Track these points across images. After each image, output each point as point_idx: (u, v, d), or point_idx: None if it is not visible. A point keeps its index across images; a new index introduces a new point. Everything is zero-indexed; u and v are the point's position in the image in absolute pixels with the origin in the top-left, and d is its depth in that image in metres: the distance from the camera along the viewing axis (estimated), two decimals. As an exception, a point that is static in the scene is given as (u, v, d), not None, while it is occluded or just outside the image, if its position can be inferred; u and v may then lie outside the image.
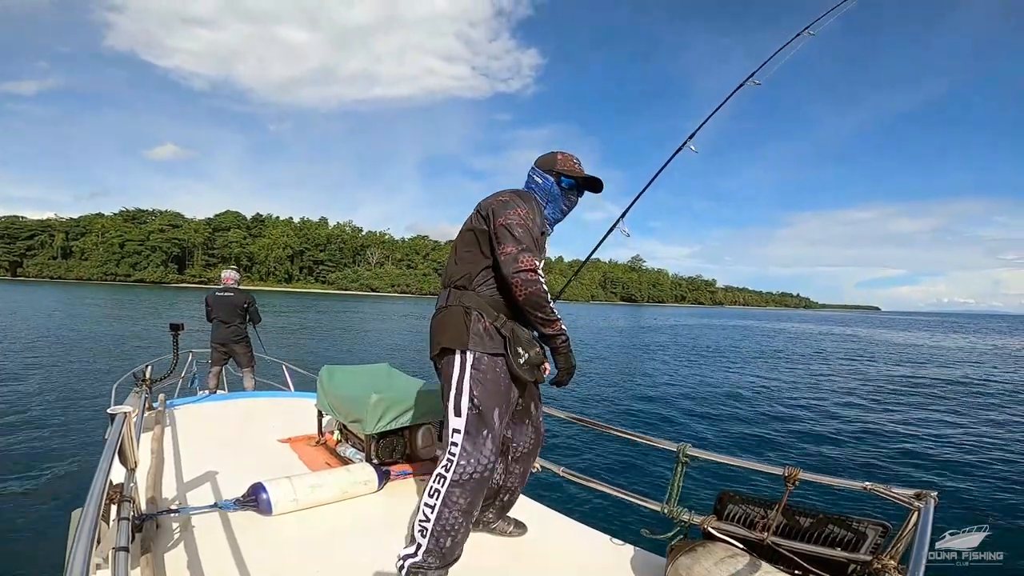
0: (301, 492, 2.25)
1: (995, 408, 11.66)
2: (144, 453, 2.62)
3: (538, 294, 1.77)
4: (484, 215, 1.91)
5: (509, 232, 1.80)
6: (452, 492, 1.75)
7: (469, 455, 1.76)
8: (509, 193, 1.95)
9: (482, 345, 1.82)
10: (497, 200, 1.90)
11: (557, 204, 2.06)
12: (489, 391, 1.81)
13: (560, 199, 2.05)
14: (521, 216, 1.84)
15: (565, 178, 2.03)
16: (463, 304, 1.87)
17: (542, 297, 1.78)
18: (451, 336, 1.85)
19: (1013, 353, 28.18)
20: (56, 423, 7.46)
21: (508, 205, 1.86)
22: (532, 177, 2.07)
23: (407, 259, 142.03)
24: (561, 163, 2.03)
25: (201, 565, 1.79)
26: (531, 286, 1.76)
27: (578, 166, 2.05)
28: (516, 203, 1.88)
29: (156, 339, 17.66)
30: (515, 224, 1.81)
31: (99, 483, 1.34)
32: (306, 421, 3.42)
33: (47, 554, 3.72)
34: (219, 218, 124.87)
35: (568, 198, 2.07)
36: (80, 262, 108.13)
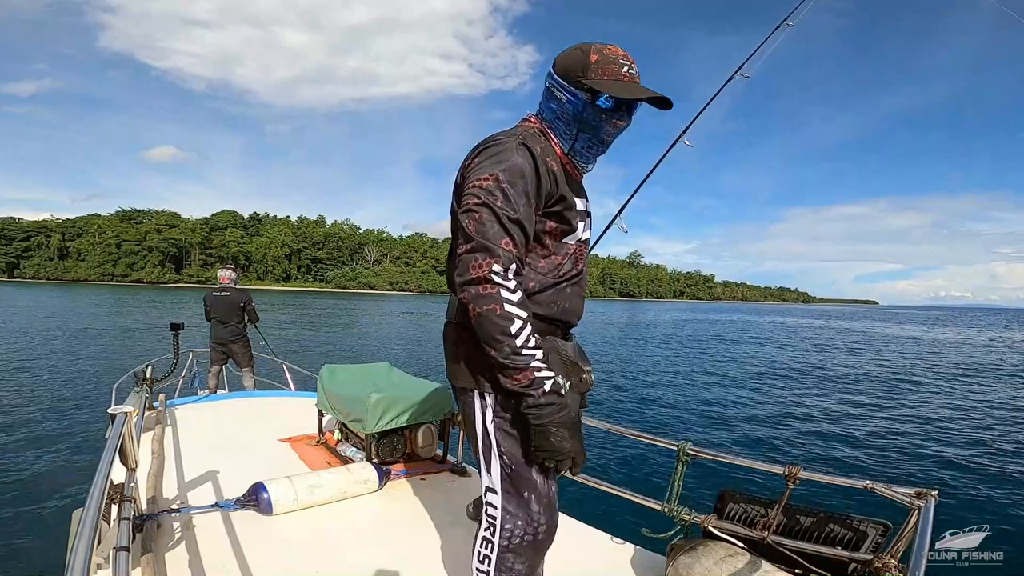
0: (301, 492, 2.25)
1: (996, 406, 11.69)
2: (145, 453, 2.62)
3: (488, 318, 1.09)
4: (458, 185, 1.28)
5: (464, 220, 1.16)
6: (505, 559, 1.33)
7: (514, 517, 1.28)
8: (492, 142, 1.24)
9: (497, 382, 1.20)
10: (471, 158, 1.24)
11: (594, 134, 1.28)
12: (520, 442, 1.26)
13: (600, 126, 1.26)
14: (488, 188, 1.14)
15: (604, 97, 1.22)
16: (462, 322, 1.26)
17: (494, 324, 1.08)
18: (458, 371, 1.32)
19: (1012, 348, 28.26)
20: (56, 423, 7.45)
21: (478, 169, 1.19)
22: (551, 93, 1.28)
23: (405, 257, 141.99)
24: (597, 69, 1.21)
25: (202, 565, 1.79)
26: (478, 304, 1.09)
27: (626, 70, 1.22)
28: (488, 162, 1.18)
29: (156, 339, 17.63)
30: (475, 205, 1.14)
31: (100, 483, 1.33)
32: (306, 420, 3.42)
33: (48, 554, 3.72)
34: (216, 217, 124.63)
35: (611, 123, 1.27)
36: (77, 263, 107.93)
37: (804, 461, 7.30)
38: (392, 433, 2.77)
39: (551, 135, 1.30)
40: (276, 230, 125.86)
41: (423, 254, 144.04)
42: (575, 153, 1.31)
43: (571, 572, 1.95)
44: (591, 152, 1.33)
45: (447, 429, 2.94)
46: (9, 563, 3.77)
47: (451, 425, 2.92)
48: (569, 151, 1.31)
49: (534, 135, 1.25)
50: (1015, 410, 11.17)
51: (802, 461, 7.69)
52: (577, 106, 1.24)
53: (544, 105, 1.32)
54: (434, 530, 2.16)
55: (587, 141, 1.30)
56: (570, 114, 1.26)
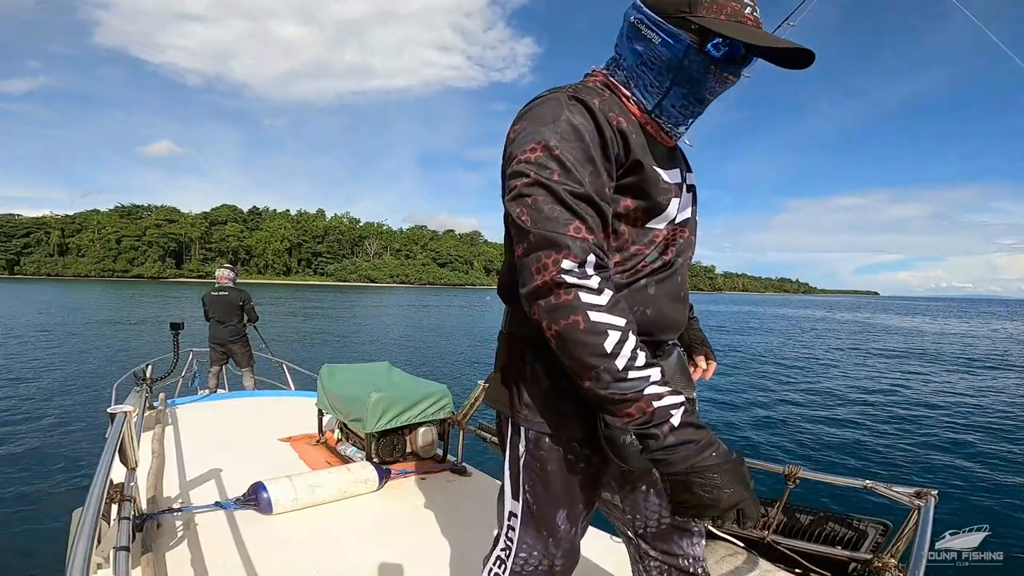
0: (301, 491, 2.25)
1: (997, 404, 11.69)
2: (145, 452, 2.62)
3: (570, 337, 0.79)
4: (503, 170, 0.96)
5: (514, 209, 0.86)
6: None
7: (531, 548, 1.11)
8: (534, 102, 0.96)
9: (542, 419, 0.99)
10: (511, 128, 0.95)
11: (693, 88, 0.94)
12: (551, 489, 1.03)
13: (703, 79, 0.93)
14: (537, 160, 0.85)
15: (718, 41, 0.88)
16: (512, 332, 1.05)
17: (580, 343, 0.78)
18: (495, 387, 1.09)
19: (1014, 340, 28.27)
20: (56, 422, 7.45)
21: (521, 139, 0.89)
22: (636, 31, 0.94)
23: (406, 249, 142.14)
24: (710, 4, 0.87)
25: (202, 564, 1.79)
26: (553, 320, 0.80)
27: (749, 11, 0.89)
28: (531, 128, 0.89)
29: (156, 337, 17.62)
30: (524, 187, 0.84)
31: (99, 482, 1.33)
32: (306, 420, 3.42)
33: (48, 554, 3.73)
34: (216, 212, 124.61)
35: (720, 77, 0.93)
36: (77, 259, 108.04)
37: (803, 460, 7.32)
38: (392, 433, 2.77)
39: (623, 89, 0.98)
40: (276, 224, 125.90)
41: (423, 247, 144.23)
42: (662, 111, 0.97)
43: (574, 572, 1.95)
44: (684, 112, 0.97)
45: (447, 429, 2.94)
46: (9, 563, 3.78)
47: (451, 425, 2.93)
48: (655, 108, 0.97)
49: (590, 88, 0.94)
50: (1016, 409, 11.18)
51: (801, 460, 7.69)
52: (676, 50, 0.90)
53: (624, 48, 0.98)
54: (434, 529, 2.16)
55: (682, 97, 0.95)
56: (664, 60, 0.92)
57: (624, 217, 0.96)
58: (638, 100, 0.98)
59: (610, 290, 0.81)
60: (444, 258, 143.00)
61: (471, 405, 2.84)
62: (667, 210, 0.99)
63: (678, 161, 1.06)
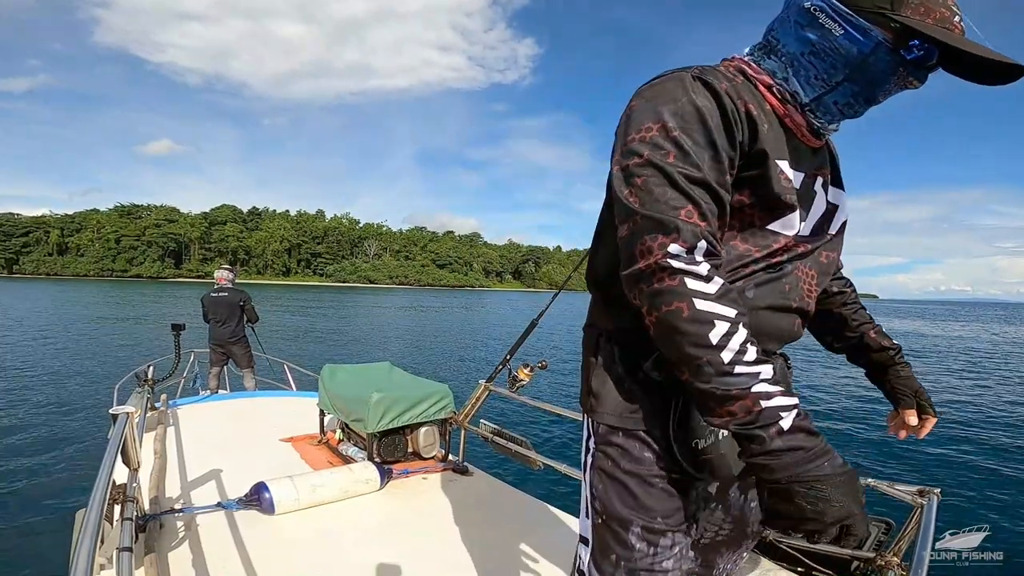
0: (303, 491, 2.25)
1: (998, 402, 11.71)
2: (147, 453, 2.62)
3: (672, 323, 0.74)
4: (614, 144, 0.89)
5: (622, 190, 0.81)
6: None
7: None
8: (654, 80, 0.87)
9: (612, 410, 0.90)
10: (631, 105, 0.86)
11: (868, 88, 0.85)
12: (623, 494, 0.89)
13: (884, 81, 0.84)
14: (652, 140, 0.80)
15: (917, 43, 0.79)
16: (592, 323, 0.99)
17: (683, 331, 0.73)
18: (583, 383, 0.98)
19: (1014, 343, 28.30)
20: (58, 423, 7.45)
21: (637, 117, 0.83)
22: (812, 19, 0.84)
23: (405, 250, 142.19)
24: (918, 6, 0.78)
25: (205, 565, 1.79)
26: (655, 306, 0.75)
27: (958, 19, 0.80)
28: (649, 107, 0.82)
29: (157, 338, 17.60)
30: (636, 166, 0.80)
31: (102, 483, 1.33)
32: (308, 420, 3.42)
33: (51, 554, 3.73)
34: (215, 212, 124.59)
35: (904, 81, 0.84)
36: (76, 258, 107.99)
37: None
38: (393, 432, 2.77)
39: (764, 76, 0.88)
40: (275, 224, 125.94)
41: (423, 248, 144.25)
42: (819, 106, 0.86)
43: (569, 569, 1.96)
44: (846, 111, 0.87)
45: (448, 428, 2.94)
46: (12, 564, 3.78)
47: (452, 424, 2.93)
48: (813, 101, 0.86)
49: (719, 72, 0.85)
50: (1016, 409, 11.19)
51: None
52: (863, 46, 0.80)
53: (786, 34, 0.87)
54: (436, 529, 2.17)
55: (851, 95, 0.84)
56: (842, 53, 0.81)
57: (739, 212, 0.86)
58: (794, 91, 0.87)
59: (721, 279, 0.74)
60: (443, 259, 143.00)
61: (472, 405, 2.84)
62: (787, 217, 0.87)
63: (820, 168, 0.93)
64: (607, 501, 0.90)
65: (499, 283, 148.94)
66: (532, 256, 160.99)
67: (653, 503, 0.87)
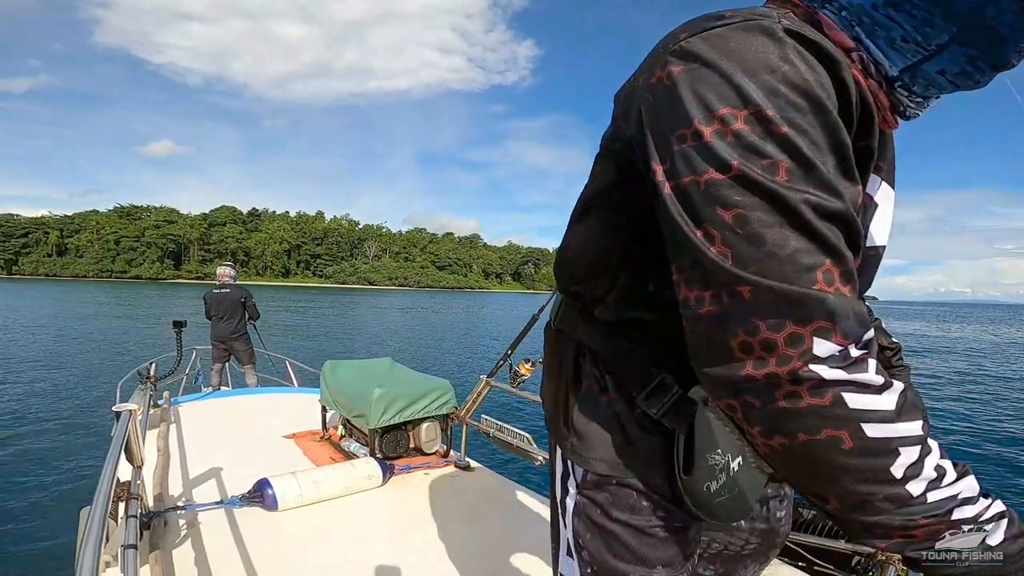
0: (306, 487, 2.26)
1: (998, 402, 11.71)
2: (150, 451, 2.62)
3: (832, 460, 0.48)
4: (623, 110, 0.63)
5: (689, 225, 0.50)
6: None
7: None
8: (713, 25, 0.53)
9: (602, 456, 0.72)
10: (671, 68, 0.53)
11: (985, 52, 0.54)
12: (615, 546, 0.73)
13: (1009, 41, 0.52)
14: (745, 140, 0.47)
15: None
16: (569, 335, 0.77)
17: (853, 470, 0.48)
18: (545, 401, 0.83)
19: (1013, 344, 28.30)
20: (61, 421, 7.46)
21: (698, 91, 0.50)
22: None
23: (405, 252, 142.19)
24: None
25: (209, 562, 1.79)
26: (790, 429, 0.48)
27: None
28: (717, 77, 0.49)
29: (158, 336, 17.60)
30: (715, 185, 0.48)
31: (106, 481, 1.34)
32: (310, 416, 3.43)
33: (57, 552, 3.73)
34: (215, 213, 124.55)
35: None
36: (75, 259, 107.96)
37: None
38: (395, 428, 2.78)
39: (842, 36, 0.58)
40: (275, 226, 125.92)
41: (422, 249, 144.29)
42: (915, 79, 0.59)
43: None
44: (957, 82, 0.59)
45: (450, 424, 2.95)
46: (19, 561, 3.79)
47: (454, 420, 2.93)
48: (903, 72, 0.59)
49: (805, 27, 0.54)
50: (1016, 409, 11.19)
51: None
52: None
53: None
54: (438, 524, 2.17)
55: (965, 61, 0.56)
56: (945, 5, 0.53)
57: None
58: (877, 60, 0.59)
59: (882, 377, 0.48)
60: (443, 261, 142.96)
61: (474, 400, 2.85)
62: (869, 225, 0.69)
63: (888, 160, 0.70)
64: (596, 552, 0.74)
65: (499, 285, 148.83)
66: (532, 258, 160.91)
67: (652, 553, 0.71)
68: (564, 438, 0.75)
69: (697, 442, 0.65)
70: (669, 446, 0.68)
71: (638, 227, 0.64)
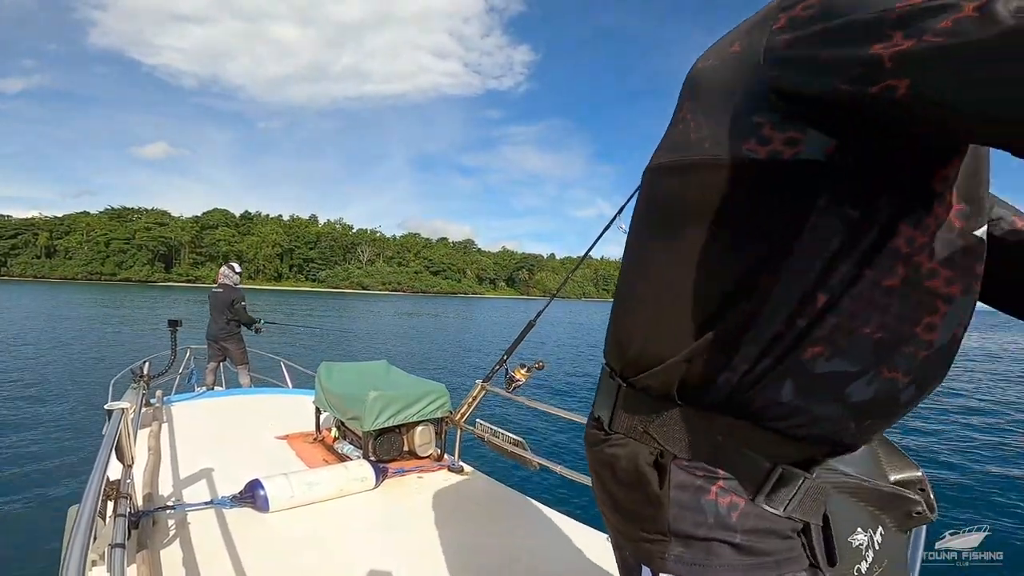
0: (298, 489, 2.24)
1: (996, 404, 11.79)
2: (141, 449, 2.59)
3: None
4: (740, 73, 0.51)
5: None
6: None
7: None
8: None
9: (727, 562, 0.57)
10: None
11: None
12: None
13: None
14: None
15: None
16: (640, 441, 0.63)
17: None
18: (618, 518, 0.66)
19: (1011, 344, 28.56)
20: (53, 419, 7.39)
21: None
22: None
23: (398, 257, 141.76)
24: None
25: (197, 562, 1.77)
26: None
27: None
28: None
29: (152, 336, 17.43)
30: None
31: (96, 479, 1.33)
32: (304, 418, 3.40)
33: (43, 550, 3.68)
34: (207, 216, 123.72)
35: None
36: (64, 261, 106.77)
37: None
38: (390, 431, 2.76)
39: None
40: (268, 229, 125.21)
41: (416, 254, 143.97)
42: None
43: (565, 570, 1.95)
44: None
45: (444, 428, 2.93)
46: (4, 559, 3.73)
47: (448, 424, 2.92)
48: None
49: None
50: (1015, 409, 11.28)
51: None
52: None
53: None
54: (430, 528, 2.16)
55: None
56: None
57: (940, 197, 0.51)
58: None
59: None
60: (437, 266, 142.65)
61: (469, 404, 2.84)
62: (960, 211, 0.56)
63: None
64: None
65: (492, 290, 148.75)
66: (526, 263, 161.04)
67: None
68: (659, 554, 0.60)
69: (835, 528, 0.59)
70: (802, 541, 0.59)
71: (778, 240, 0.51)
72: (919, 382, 0.57)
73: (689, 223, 0.56)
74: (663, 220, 0.59)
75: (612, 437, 0.66)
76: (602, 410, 0.68)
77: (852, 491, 0.60)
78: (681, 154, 0.57)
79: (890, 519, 0.64)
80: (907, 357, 0.55)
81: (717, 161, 0.52)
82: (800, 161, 0.48)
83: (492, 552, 2.01)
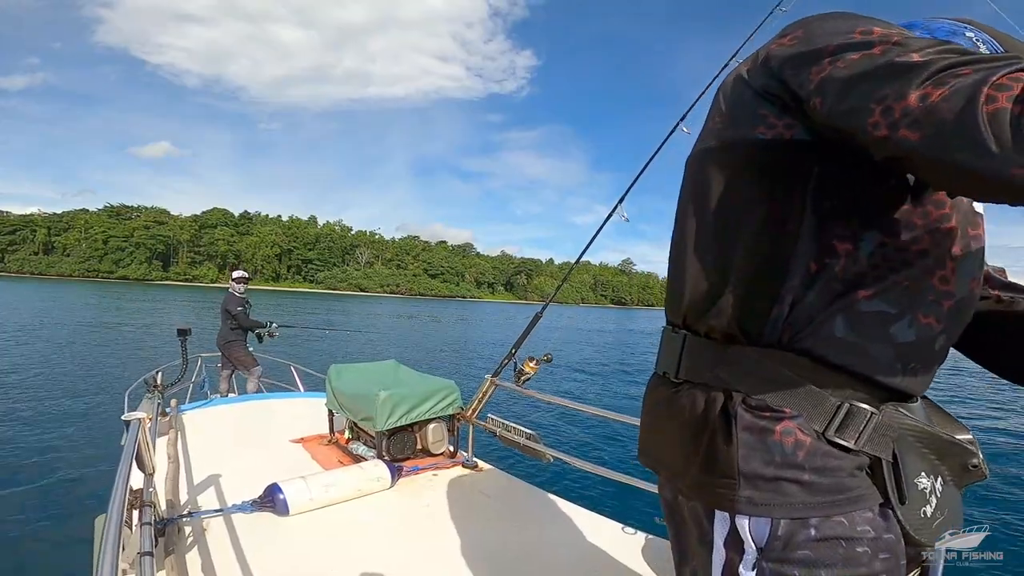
0: (316, 491, 2.26)
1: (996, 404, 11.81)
2: (160, 458, 2.61)
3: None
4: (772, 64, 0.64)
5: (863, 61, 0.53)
6: None
7: None
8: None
9: (801, 500, 0.61)
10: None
11: None
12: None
13: None
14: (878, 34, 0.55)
15: None
16: (709, 385, 0.69)
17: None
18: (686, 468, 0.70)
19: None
20: (69, 430, 7.38)
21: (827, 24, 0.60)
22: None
23: (397, 259, 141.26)
24: None
25: (224, 566, 1.80)
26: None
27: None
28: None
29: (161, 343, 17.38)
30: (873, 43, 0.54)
31: (120, 489, 1.34)
32: (317, 420, 3.42)
33: (73, 561, 3.71)
34: (206, 215, 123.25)
35: None
36: (62, 258, 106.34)
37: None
38: (402, 430, 2.78)
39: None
40: (267, 229, 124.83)
41: (415, 257, 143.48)
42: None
43: (583, 560, 1.98)
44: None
45: (456, 424, 2.96)
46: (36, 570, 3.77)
47: (460, 420, 2.95)
48: None
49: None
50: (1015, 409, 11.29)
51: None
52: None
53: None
54: (448, 524, 2.18)
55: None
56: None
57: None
58: None
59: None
60: (436, 269, 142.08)
61: (480, 399, 2.86)
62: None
63: None
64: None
65: (490, 294, 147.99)
66: (524, 268, 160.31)
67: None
68: (729, 497, 0.63)
69: (904, 468, 0.62)
70: (871, 478, 0.63)
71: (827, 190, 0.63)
72: (948, 331, 0.67)
73: (724, 188, 0.69)
74: (704, 191, 0.71)
75: (680, 387, 0.72)
76: (667, 365, 0.76)
77: (916, 435, 0.65)
78: (717, 140, 0.71)
79: (948, 470, 0.68)
80: (935, 306, 0.64)
81: (742, 140, 0.67)
82: (796, 140, 0.63)
83: (510, 546, 2.04)
